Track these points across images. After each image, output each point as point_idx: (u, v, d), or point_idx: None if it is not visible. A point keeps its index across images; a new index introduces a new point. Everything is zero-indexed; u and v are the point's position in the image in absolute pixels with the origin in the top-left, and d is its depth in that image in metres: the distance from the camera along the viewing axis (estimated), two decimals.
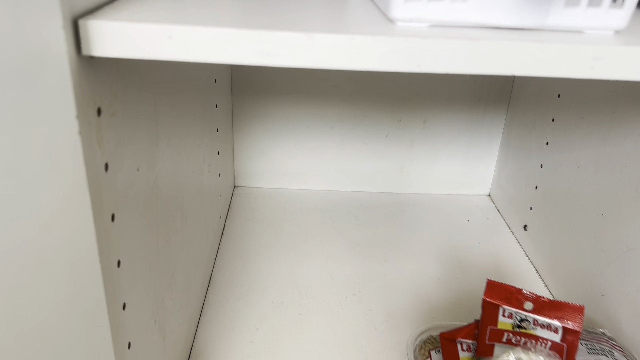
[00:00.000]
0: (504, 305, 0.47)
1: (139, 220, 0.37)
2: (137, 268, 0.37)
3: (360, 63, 0.28)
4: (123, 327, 0.35)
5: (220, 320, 0.60)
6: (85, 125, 0.27)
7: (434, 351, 0.50)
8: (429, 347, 0.51)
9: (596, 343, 0.49)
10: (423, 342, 0.53)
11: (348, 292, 0.66)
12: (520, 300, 0.47)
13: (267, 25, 0.28)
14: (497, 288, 0.48)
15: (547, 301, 0.47)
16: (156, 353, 0.43)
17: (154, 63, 0.38)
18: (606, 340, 0.50)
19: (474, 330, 0.49)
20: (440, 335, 0.51)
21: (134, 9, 0.29)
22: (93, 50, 0.27)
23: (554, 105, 0.71)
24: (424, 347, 0.52)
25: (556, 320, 0.46)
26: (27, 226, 0.26)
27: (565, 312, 0.46)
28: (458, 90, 0.83)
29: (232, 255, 0.72)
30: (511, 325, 0.47)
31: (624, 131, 0.55)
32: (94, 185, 0.29)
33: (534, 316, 0.46)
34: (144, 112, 0.37)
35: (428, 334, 0.54)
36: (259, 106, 0.83)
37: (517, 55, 0.29)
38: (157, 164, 0.40)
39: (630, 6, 0.31)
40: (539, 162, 0.74)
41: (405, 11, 0.30)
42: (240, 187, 0.90)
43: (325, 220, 0.81)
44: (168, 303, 0.46)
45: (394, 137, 0.86)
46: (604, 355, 0.47)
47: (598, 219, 0.59)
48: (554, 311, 0.46)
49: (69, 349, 0.31)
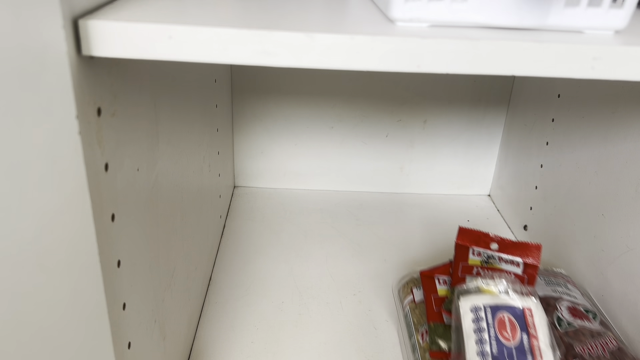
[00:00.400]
0: (474, 247, 0.55)
1: (139, 220, 0.37)
2: (137, 268, 0.37)
3: (360, 63, 0.28)
4: (123, 327, 0.35)
5: (220, 320, 0.60)
6: (85, 125, 0.27)
7: (415, 288, 0.58)
8: (410, 285, 0.59)
9: (553, 278, 0.59)
10: (406, 282, 0.60)
11: (348, 292, 0.66)
12: (487, 242, 0.55)
13: (267, 25, 0.28)
14: (468, 233, 0.56)
15: (510, 242, 0.54)
16: (156, 353, 0.43)
17: (154, 63, 0.38)
18: (562, 276, 0.60)
19: (449, 268, 0.58)
20: (420, 273, 0.58)
21: (134, 9, 0.29)
22: (93, 50, 0.27)
23: (554, 105, 0.71)
24: (406, 286, 0.60)
25: (518, 257, 0.54)
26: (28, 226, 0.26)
27: (526, 250, 0.53)
28: (458, 90, 0.83)
29: (232, 255, 0.72)
30: (480, 261, 0.55)
31: (624, 131, 0.55)
32: (94, 185, 0.29)
33: (499, 254, 0.54)
34: (144, 112, 0.37)
35: (409, 277, 0.61)
36: (259, 106, 0.83)
37: (517, 55, 0.29)
38: (157, 164, 0.40)
39: (630, 6, 0.31)
40: (539, 162, 0.74)
41: (405, 11, 0.30)
42: (240, 187, 0.90)
43: (325, 220, 0.81)
44: (168, 303, 0.46)
45: (394, 137, 0.86)
46: (559, 286, 0.57)
47: (598, 219, 0.59)
48: (516, 250, 0.54)
49: (69, 349, 0.31)
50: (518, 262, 0.54)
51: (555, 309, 0.53)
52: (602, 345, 0.49)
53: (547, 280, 0.58)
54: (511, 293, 0.49)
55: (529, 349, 0.46)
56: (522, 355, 0.45)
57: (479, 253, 0.55)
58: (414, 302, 0.57)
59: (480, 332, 0.48)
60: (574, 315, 0.52)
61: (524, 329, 0.47)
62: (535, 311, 0.48)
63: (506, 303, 0.49)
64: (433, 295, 0.55)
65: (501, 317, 0.48)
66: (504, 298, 0.49)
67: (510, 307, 0.48)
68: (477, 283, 0.51)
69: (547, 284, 0.58)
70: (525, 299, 0.49)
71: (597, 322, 0.52)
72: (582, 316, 0.52)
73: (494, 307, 0.49)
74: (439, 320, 0.53)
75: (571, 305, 0.54)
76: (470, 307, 0.49)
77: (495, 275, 0.51)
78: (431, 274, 0.58)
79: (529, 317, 0.48)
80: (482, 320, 0.48)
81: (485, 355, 0.46)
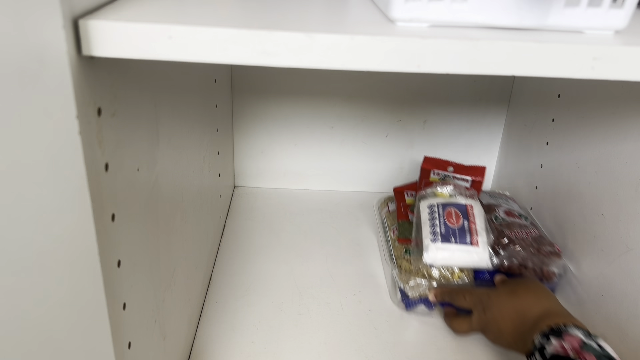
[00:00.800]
0: (434, 169, 0.73)
1: (139, 220, 0.37)
2: (137, 268, 0.37)
3: (361, 63, 0.28)
4: (123, 327, 0.35)
5: (220, 320, 0.60)
6: (85, 125, 0.27)
7: (390, 203, 0.77)
8: (387, 201, 0.78)
9: (498, 196, 0.78)
10: (383, 199, 0.80)
11: (348, 292, 0.66)
12: (445, 166, 0.73)
13: (267, 25, 0.28)
14: (431, 160, 0.74)
15: (462, 166, 0.73)
16: (156, 353, 0.43)
17: (154, 63, 0.38)
18: (507, 196, 0.79)
19: (415, 185, 0.76)
20: (394, 189, 0.78)
21: (134, 9, 0.29)
22: (93, 50, 0.27)
23: (554, 105, 0.71)
24: (383, 202, 0.79)
25: (467, 176, 0.72)
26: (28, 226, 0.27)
27: (474, 171, 0.72)
28: (458, 90, 0.83)
29: (232, 255, 0.72)
30: (438, 179, 0.73)
31: (624, 131, 0.55)
32: (94, 185, 0.29)
33: (454, 174, 0.73)
34: (144, 112, 0.37)
35: (386, 196, 0.80)
36: (259, 106, 0.83)
37: (517, 55, 0.29)
38: (157, 164, 0.40)
39: (630, 6, 0.31)
40: (539, 162, 0.74)
41: (406, 11, 0.30)
42: (240, 187, 0.90)
43: (325, 220, 0.81)
44: (168, 303, 0.46)
45: (394, 137, 0.86)
46: (502, 200, 0.75)
47: (598, 219, 0.59)
48: (466, 171, 0.72)
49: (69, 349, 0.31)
50: (467, 179, 0.72)
51: (494, 210, 0.71)
52: (526, 232, 0.66)
53: (493, 195, 0.77)
54: (458, 195, 0.65)
55: (468, 230, 0.61)
56: (463, 234, 0.61)
57: (438, 173, 0.73)
58: (388, 211, 0.75)
59: (433, 220, 0.62)
60: (508, 215, 0.70)
61: (466, 218, 0.62)
62: (475, 207, 0.63)
63: (453, 201, 0.64)
64: (402, 203, 0.74)
65: (449, 210, 0.63)
66: (452, 199, 0.64)
67: (457, 204, 0.64)
68: (433, 189, 0.66)
69: (492, 197, 0.76)
70: (468, 199, 0.64)
71: (527, 222, 0.69)
72: (515, 216, 0.70)
73: (445, 204, 0.64)
74: (405, 219, 0.70)
75: (507, 210, 0.71)
76: (427, 205, 0.65)
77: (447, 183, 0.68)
78: (401, 190, 0.77)
79: (470, 210, 0.63)
80: (435, 213, 0.63)
81: (436, 234, 0.61)
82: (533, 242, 0.63)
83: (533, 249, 0.62)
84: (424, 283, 0.60)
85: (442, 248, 0.60)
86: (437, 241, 0.60)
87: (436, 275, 0.61)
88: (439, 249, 0.60)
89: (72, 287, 0.30)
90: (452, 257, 0.60)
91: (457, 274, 0.61)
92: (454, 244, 0.60)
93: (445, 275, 0.61)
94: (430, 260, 0.60)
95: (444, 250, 0.60)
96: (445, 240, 0.60)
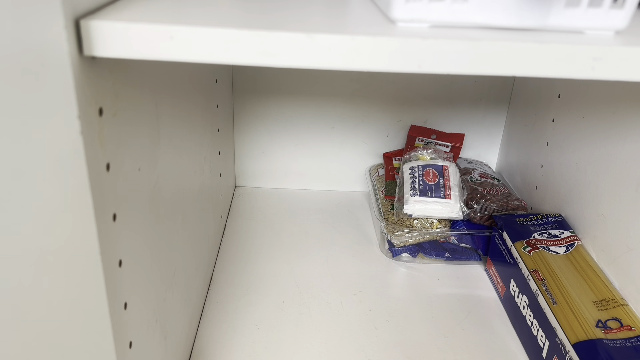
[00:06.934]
0: (419, 136, 0.83)
1: (140, 220, 0.37)
2: (139, 267, 0.37)
3: (361, 63, 0.28)
4: (124, 326, 0.35)
5: (221, 320, 0.60)
6: (86, 125, 0.27)
7: (379, 169, 0.85)
8: (377, 168, 0.86)
9: (475, 162, 0.87)
10: (374, 166, 0.87)
11: (349, 291, 0.66)
12: (429, 134, 0.84)
13: (268, 25, 0.28)
14: (416, 128, 0.84)
15: (445, 133, 0.84)
16: (157, 352, 0.43)
17: (155, 63, 0.38)
18: (482, 162, 0.88)
19: (402, 151, 0.85)
20: (383, 155, 0.86)
21: (136, 9, 0.29)
22: (95, 50, 0.27)
23: (554, 105, 0.71)
24: (374, 168, 0.86)
25: (447, 142, 0.83)
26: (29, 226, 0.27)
27: (454, 138, 0.84)
28: (458, 90, 0.83)
29: (233, 255, 0.72)
30: (422, 144, 0.83)
31: (624, 131, 0.55)
32: (96, 185, 0.29)
33: (436, 140, 0.83)
34: (146, 112, 0.37)
35: (377, 164, 0.88)
36: (260, 106, 0.83)
37: (518, 55, 0.29)
38: (158, 164, 0.40)
39: (630, 6, 0.31)
40: (539, 162, 0.74)
41: (406, 11, 0.30)
42: (241, 187, 0.90)
43: (325, 220, 0.82)
44: (169, 302, 0.46)
45: (395, 137, 0.86)
46: (478, 165, 0.85)
47: (598, 219, 0.59)
48: (447, 138, 0.84)
49: (70, 348, 0.31)
50: (447, 145, 0.83)
51: (470, 173, 0.81)
52: (496, 190, 0.75)
53: (471, 162, 0.87)
54: (436, 158, 0.76)
55: (443, 186, 0.71)
56: (438, 189, 0.71)
57: (422, 140, 0.83)
58: (378, 176, 0.83)
59: (413, 179, 0.73)
60: (482, 177, 0.80)
61: (441, 176, 0.72)
62: (451, 168, 0.73)
63: (432, 163, 0.74)
64: (390, 167, 0.83)
65: (427, 170, 0.73)
66: (431, 161, 0.75)
67: (434, 165, 0.74)
68: (417, 153, 0.77)
69: (469, 163, 0.86)
70: (445, 162, 0.75)
71: (499, 183, 0.78)
72: (488, 178, 0.79)
73: (424, 165, 0.74)
74: (392, 180, 0.80)
75: (481, 172, 0.81)
76: (409, 167, 0.75)
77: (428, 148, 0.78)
78: (390, 155, 0.85)
79: (446, 170, 0.73)
80: (415, 173, 0.73)
81: (415, 190, 0.71)
82: (502, 198, 0.74)
83: (502, 203, 0.72)
84: (407, 232, 0.70)
85: (420, 201, 0.70)
86: (415, 195, 0.70)
87: (417, 226, 0.71)
88: (417, 202, 0.70)
89: (74, 287, 0.30)
90: (428, 208, 0.70)
91: (435, 224, 0.71)
92: (430, 197, 0.70)
93: (425, 225, 0.71)
94: (409, 212, 0.70)
95: (421, 203, 0.70)
96: (422, 194, 0.70)
